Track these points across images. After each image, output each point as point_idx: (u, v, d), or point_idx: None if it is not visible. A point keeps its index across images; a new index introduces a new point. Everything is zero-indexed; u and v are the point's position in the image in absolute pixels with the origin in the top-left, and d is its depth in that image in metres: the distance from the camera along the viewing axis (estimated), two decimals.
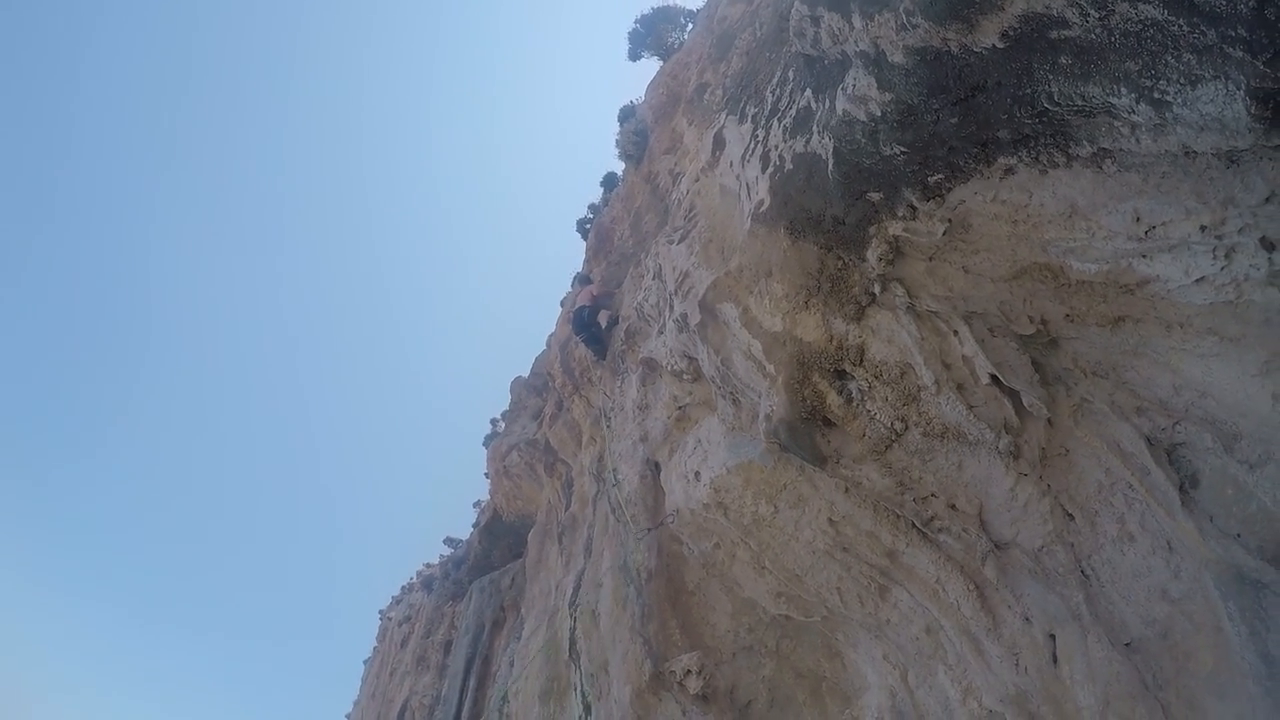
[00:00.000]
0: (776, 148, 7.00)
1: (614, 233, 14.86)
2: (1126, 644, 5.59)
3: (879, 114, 5.21)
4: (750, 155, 7.64)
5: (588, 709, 10.84)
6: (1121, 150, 4.22)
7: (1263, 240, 4.07)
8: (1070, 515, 6.13)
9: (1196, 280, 4.45)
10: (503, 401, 23.65)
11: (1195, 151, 3.91)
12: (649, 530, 10.48)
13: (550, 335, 18.75)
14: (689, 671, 8.97)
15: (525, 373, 21.91)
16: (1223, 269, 4.30)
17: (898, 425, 6.70)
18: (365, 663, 42.02)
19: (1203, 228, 4.21)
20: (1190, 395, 5.14)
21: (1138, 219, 4.47)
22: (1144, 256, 4.63)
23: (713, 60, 10.74)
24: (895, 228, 5.97)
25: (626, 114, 14.37)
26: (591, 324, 13.67)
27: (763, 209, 7.10)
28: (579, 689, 11.39)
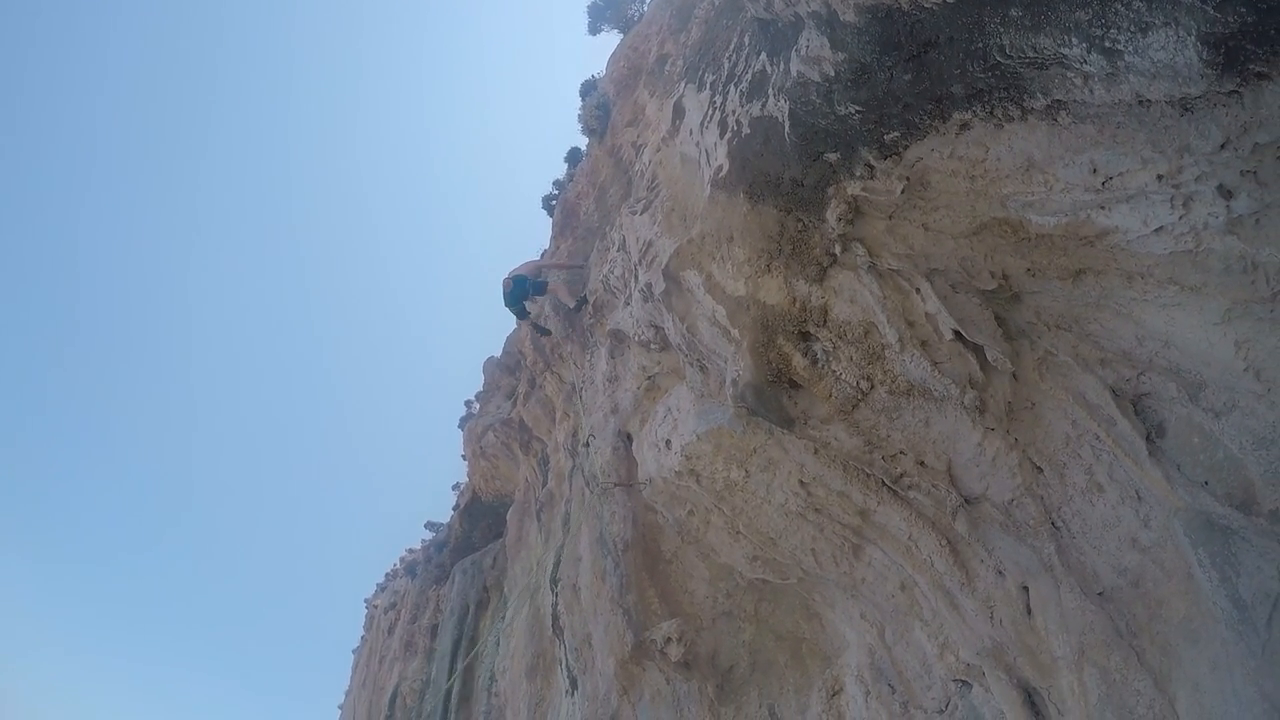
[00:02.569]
0: (734, 113, 6.92)
1: (579, 208, 14.69)
2: (1099, 593, 5.65)
3: (833, 74, 5.15)
4: (709, 122, 7.55)
5: (574, 682, 10.88)
6: (1076, 101, 4.19)
7: (1220, 188, 4.06)
8: (1039, 468, 6.18)
9: (1155, 230, 4.45)
10: (476, 383, 23.47)
11: (1149, 100, 3.88)
12: (616, 484, 10.46)
13: None
14: (669, 639, 9.01)
15: (497, 353, 21.74)
16: (1181, 218, 4.30)
17: (863, 384, 6.70)
18: (354, 652, 41.86)
19: (1159, 177, 4.20)
20: (1154, 345, 5.16)
21: (1094, 170, 4.46)
22: (1102, 208, 4.62)
23: (673, 31, 10.61)
24: (854, 187, 5.94)
25: (588, 88, 14.21)
26: (526, 297, 13.34)
27: (722, 174, 7.04)
28: (564, 663, 11.42)
